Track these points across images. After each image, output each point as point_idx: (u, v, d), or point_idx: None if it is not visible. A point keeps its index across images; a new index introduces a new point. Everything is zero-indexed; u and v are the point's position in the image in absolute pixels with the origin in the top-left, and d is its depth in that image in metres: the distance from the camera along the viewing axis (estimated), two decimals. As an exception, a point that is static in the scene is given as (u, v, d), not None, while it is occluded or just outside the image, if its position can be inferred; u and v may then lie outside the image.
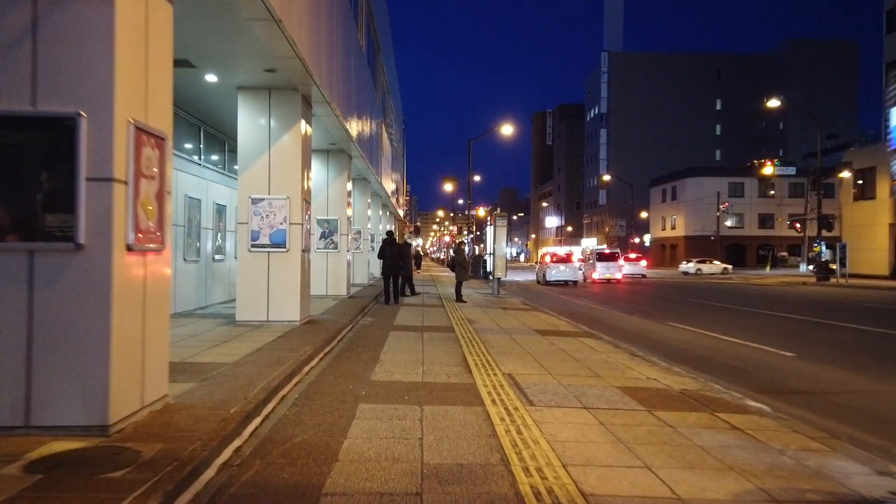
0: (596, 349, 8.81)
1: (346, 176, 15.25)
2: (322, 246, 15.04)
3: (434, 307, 15.06)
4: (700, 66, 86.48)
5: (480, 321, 12.09)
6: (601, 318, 14.83)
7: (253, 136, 9.41)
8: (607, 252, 34.49)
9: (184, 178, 10.77)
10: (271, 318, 9.37)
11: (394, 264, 15.51)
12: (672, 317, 15.31)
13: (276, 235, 9.37)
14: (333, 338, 8.73)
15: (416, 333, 9.94)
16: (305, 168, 9.77)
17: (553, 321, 12.62)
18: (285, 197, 9.35)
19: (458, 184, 47.75)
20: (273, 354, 6.76)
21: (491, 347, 8.66)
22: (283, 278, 9.38)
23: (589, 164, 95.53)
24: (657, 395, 5.92)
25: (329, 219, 15.06)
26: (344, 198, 15.19)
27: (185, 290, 10.81)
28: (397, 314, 13.04)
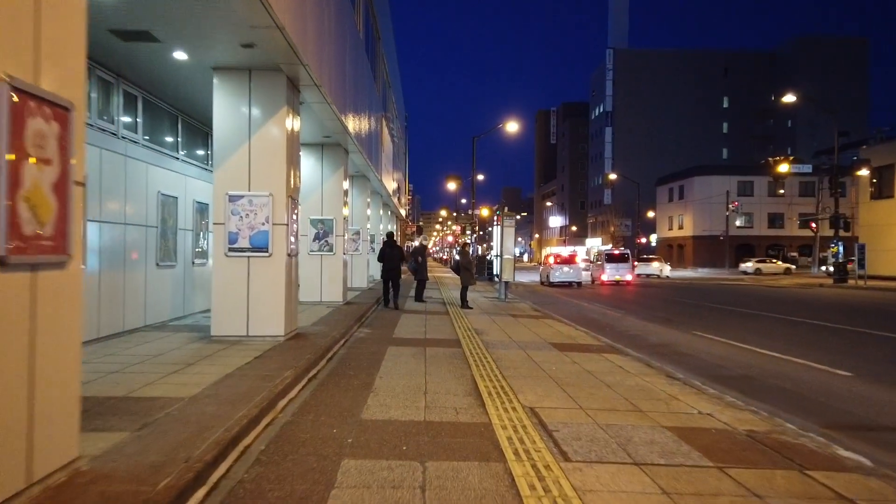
0: (626, 369, 7.59)
1: (343, 172, 14.04)
2: (316, 248, 13.84)
3: (438, 314, 13.85)
4: (706, 64, 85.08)
5: (489, 332, 10.88)
6: (619, 326, 13.60)
7: (231, 123, 8.21)
8: (617, 253, 33.25)
9: (157, 174, 9.57)
10: (252, 333, 8.17)
11: (394, 267, 14.84)
12: (695, 324, 14.09)
13: (257, 238, 8.16)
14: (322, 356, 7.52)
15: (417, 349, 8.73)
16: (292, 161, 8.57)
17: (569, 332, 11.40)
18: (267, 194, 8.15)
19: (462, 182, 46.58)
20: (243, 383, 5.55)
21: (504, 367, 7.44)
22: (265, 287, 8.17)
23: (593, 162, 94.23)
24: (721, 440, 4.69)
25: (324, 219, 13.86)
26: (340, 196, 13.98)
27: (157, 299, 9.61)
28: (397, 323, 11.83)
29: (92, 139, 7.75)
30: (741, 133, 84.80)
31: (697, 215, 63.27)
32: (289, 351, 7.45)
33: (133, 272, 8.85)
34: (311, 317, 11.18)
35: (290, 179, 8.44)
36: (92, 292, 7.75)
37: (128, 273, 8.69)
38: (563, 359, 8.27)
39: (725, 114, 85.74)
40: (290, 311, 8.54)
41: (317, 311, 12.32)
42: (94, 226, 7.76)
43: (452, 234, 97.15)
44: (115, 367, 6.20)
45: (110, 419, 4.30)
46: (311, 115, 11.07)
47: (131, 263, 8.79)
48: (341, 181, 13.99)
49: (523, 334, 10.76)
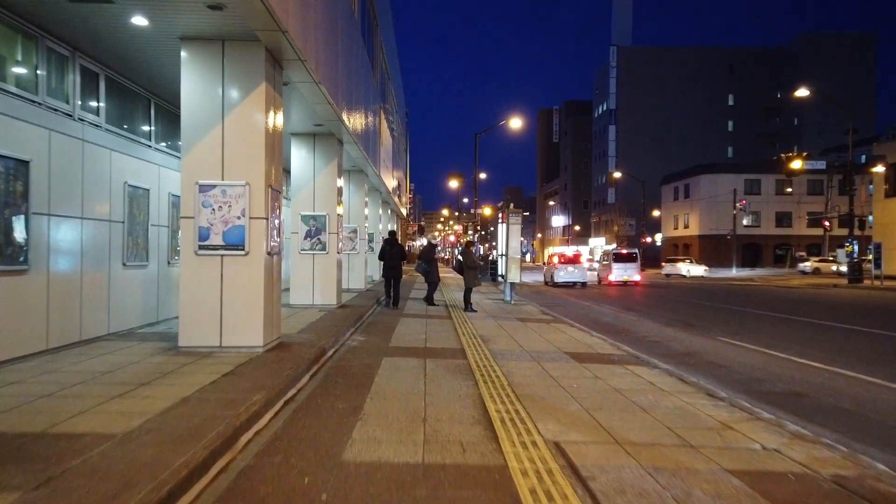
0: (658, 386, 6.51)
1: (336, 165, 12.98)
2: (307, 247, 12.77)
3: (439, 318, 12.78)
4: (712, 61, 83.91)
5: (496, 339, 9.80)
6: (636, 331, 12.52)
7: (201, 102, 7.14)
8: (625, 252, 32.17)
9: (124, 162, 8.51)
10: (226, 344, 7.10)
11: (394, 266, 14.57)
12: (717, 329, 13.02)
13: (232, 234, 7.10)
14: (305, 371, 6.45)
15: (416, 361, 7.65)
16: (273, 147, 7.50)
17: (584, 338, 10.33)
18: (243, 183, 7.08)
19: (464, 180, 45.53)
20: (200, 412, 4.49)
21: (517, 384, 6.37)
22: (240, 290, 7.11)
23: (597, 161, 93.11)
24: (806, 492, 3.62)
25: (316, 215, 12.79)
26: (334, 191, 12.91)
27: (124, 303, 8.54)
28: (395, 329, 10.76)
29: (38, 119, 6.69)
30: (747, 131, 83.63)
31: (704, 214, 62.13)
32: (266, 365, 6.38)
33: (93, 273, 7.79)
34: (300, 322, 10.11)
35: (270, 167, 7.38)
36: (39, 297, 6.70)
37: (87, 274, 7.62)
38: (584, 372, 7.19)
39: (731, 112, 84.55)
40: (271, 317, 7.47)
41: (307, 315, 11.26)
42: (39, 220, 6.69)
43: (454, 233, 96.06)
44: (49, 389, 5.13)
45: (5, 470, 3.24)
46: (300, 101, 10.02)
47: (91, 263, 7.73)
48: (335, 175, 12.92)
49: (534, 342, 9.68)
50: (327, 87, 9.15)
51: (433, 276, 15.80)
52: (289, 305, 12.75)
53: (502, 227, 18.63)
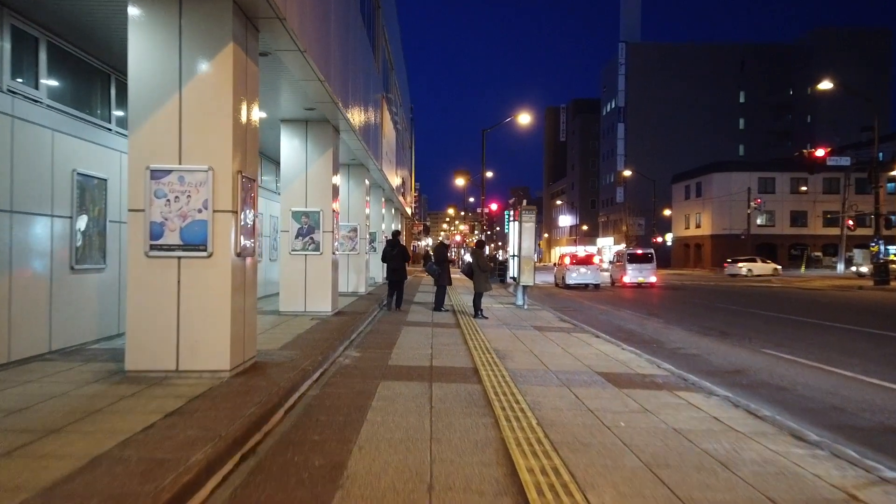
0: (728, 424, 5.09)
1: (332, 155, 11.59)
2: (299, 247, 11.39)
3: (447, 327, 11.38)
4: (722, 57, 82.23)
5: (514, 355, 8.39)
6: (667, 342, 11.08)
7: (154, 68, 5.76)
8: (640, 252, 30.65)
9: (72, 147, 7.14)
10: (184, 367, 5.72)
11: (397, 268, 14.04)
12: (757, 338, 11.61)
13: (191, 230, 5.71)
14: (277, 406, 5.07)
15: (420, 387, 6.25)
16: (244, 125, 6.13)
17: (614, 352, 8.90)
18: (205, 168, 5.70)
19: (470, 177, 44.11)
20: (100, 488, 3.10)
21: (550, 425, 4.95)
22: (202, 301, 5.73)
23: (605, 160, 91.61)
24: None
25: (308, 211, 11.41)
26: (329, 184, 11.53)
27: (72, 314, 7.17)
28: (396, 342, 9.36)
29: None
30: (758, 129, 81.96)
31: (716, 213, 60.51)
32: (229, 398, 4.99)
33: (28, 279, 6.42)
34: (285, 335, 8.73)
35: (241, 149, 6.00)
36: (-53, 310, 5.34)
37: (18, 281, 6.26)
38: (628, 403, 5.78)
39: (742, 109, 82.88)
40: (242, 334, 6.09)
41: (296, 325, 9.88)
42: (-55, 213, 5.34)
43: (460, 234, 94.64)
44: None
45: None
46: (289, 81, 8.67)
47: (25, 267, 6.36)
48: (330, 166, 11.54)
49: (558, 358, 8.26)
50: (316, 59, 7.76)
51: (444, 278, 14.41)
52: (277, 313, 11.38)
53: (513, 226, 17.24)
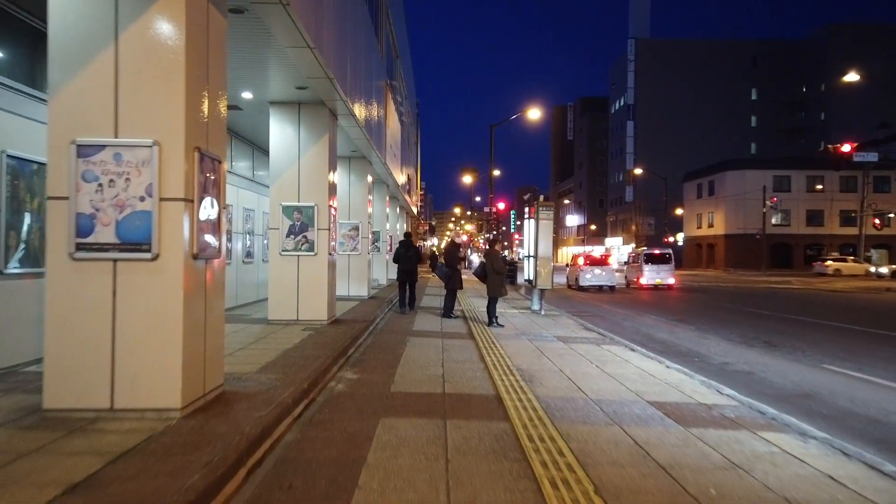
0: (858, 491, 3.68)
1: (328, 143, 10.22)
2: (291, 247, 10.01)
3: (459, 338, 9.98)
4: (734, 53, 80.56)
5: (541, 375, 6.98)
6: (708, 353, 9.66)
7: (79, 12, 4.39)
8: (657, 252, 29.17)
9: (2, 123, 5.79)
10: (120, 405, 4.34)
11: (410, 269, 13.70)
12: (810, 350, 10.25)
13: (131, 225, 4.34)
14: (230, 472, 3.66)
15: (431, 427, 4.85)
16: (202, 85, 4.74)
17: (659, 371, 7.48)
18: (150, 143, 4.33)
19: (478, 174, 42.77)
20: None
21: (618, 500, 3.56)
22: (145, 317, 4.36)
23: (613, 158, 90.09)
24: None
25: (301, 206, 10.03)
26: (324, 175, 10.15)
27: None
28: (401, 357, 7.96)
29: None
30: (771, 127, 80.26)
31: (730, 212, 58.89)
32: (169, 456, 3.61)
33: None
34: (268, 351, 7.34)
35: (198, 118, 4.62)
36: None
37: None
38: (707, 452, 4.36)
39: (754, 106, 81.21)
40: (200, 358, 4.71)
41: (284, 337, 8.49)
42: None
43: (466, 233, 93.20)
44: None
45: None
46: (273, 49, 7.31)
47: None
48: (326, 155, 10.16)
49: (595, 380, 6.85)
50: (303, 18, 6.37)
51: (455, 281, 13.01)
52: (266, 322, 10.01)
53: (529, 224, 15.84)
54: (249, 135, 12.69)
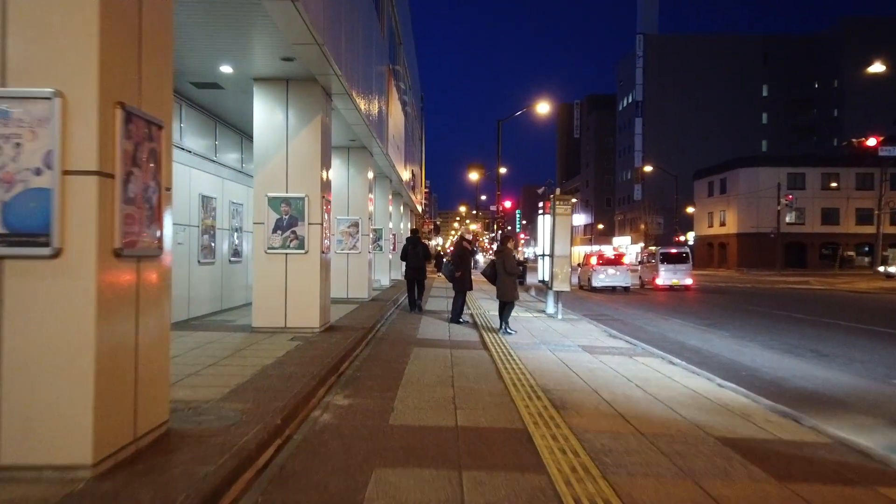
0: None
1: (321, 125, 8.97)
2: (278, 244, 8.77)
3: (469, 347, 8.71)
4: (744, 49, 78.99)
5: (575, 399, 5.70)
6: (760, 367, 8.34)
7: None
8: (674, 252, 27.84)
9: None
10: (7, 461, 3.10)
11: (418, 266, 13.31)
12: (868, 361, 8.94)
13: (22, 208, 3.10)
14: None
15: (439, 482, 3.56)
16: (130, 14, 3.50)
17: (714, 392, 6.20)
18: (50, 93, 3.09)
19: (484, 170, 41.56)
20: None
21: None
22: (43, 337, 3.11)
23: (621, 156, 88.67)
24: None
25: (290, 197, 8.78)
26: (316, 162, 8.91)
27: None
28: (403, 374, 6.69)
29: None
30: (782, 124, 78.73)
31: (742, 211, 57.44)
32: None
33: None
34: (242, 369, 6.09)
35: (123, 60, 3.38)
36: None
37: None
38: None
39: (765, 103, 79.65)
40: (128, 391, 3.45)
41: (265, 350, 7.25)
42: None
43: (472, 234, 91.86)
44: None
45: None
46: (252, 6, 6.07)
47: None
48: (318, 139, 8.91)
49: (642, 404, 5.57)
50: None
51: (464, 283, 11.75)
52: (250, 330, 8.77)
53: (543, 221, 14.55)
54: (236, 120, 11.45)
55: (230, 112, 11.09)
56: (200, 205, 10.26)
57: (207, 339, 7.96)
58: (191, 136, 10.23)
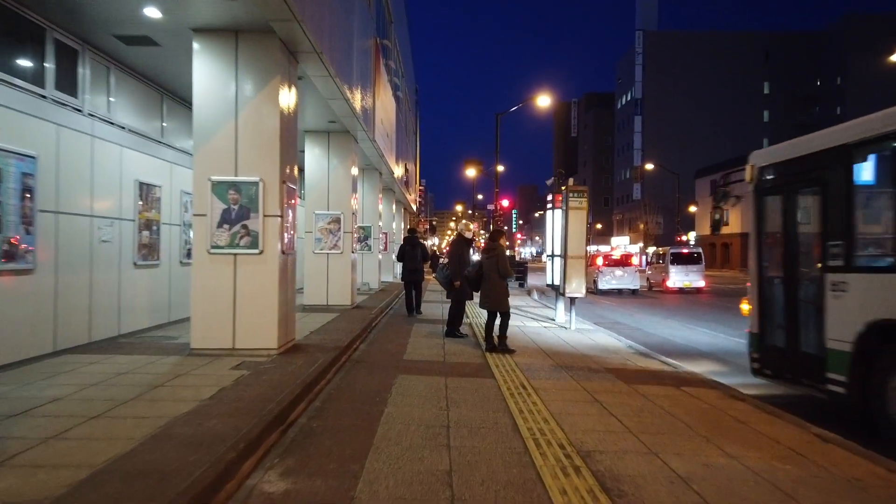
0: None
1: (279, 90, 7.02)
2: (224, 241, 6.81)
3: (470, 375, 6.75)
4: (745, 46, 77.43)
5: (633, 477, 3.75)
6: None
7: None
8: (686, 252, 26.01)
9: None
10: None
11: (415, 268, 12.60)
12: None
13: None
14: None
15: None
16: None
17: (799, 443, 4.28)
18: None
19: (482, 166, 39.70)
20: None
21: None
22: None
23: (620, 155, 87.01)
24: None
25: (239, 181, 6.82)
26: (272, 139, 6.93)
27: None
28: (378, 427, 4.73)
29: None
30: (784, 122, 77.04)
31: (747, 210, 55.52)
32: None
33: None
34: (138, 427, 4.10)
35: None
36: None
37: None
38: None
39: (766, 101, 78.13)
40: None
41: (193, 386, 5.29)
42: None
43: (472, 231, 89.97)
44: None
45: None
46: None
47: None
48: (277, 109, 6.96)
49: (737, 486, 3.66)
50: None
51: (462, 291, 9.61)
52: (187, 351, 6.81)
53: (553, 216, 12.65)
54: (188, 95, 9.48)
55: (180, 85, 9.15)
56: (137, 193, 8.28)
57: (125, 366, 6.01)
58: (124, 110, 8.27)
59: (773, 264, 6.82)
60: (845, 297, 5.35)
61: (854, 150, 5.42)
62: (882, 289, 5.03)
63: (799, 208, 6.38)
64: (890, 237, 5.18)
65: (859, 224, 5.50)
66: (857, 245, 5.43)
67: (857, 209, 5.46)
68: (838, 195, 5.57)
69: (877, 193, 5.48)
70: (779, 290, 6.50)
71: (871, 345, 5.06)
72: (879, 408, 4.98)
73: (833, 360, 5.44)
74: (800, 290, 6.15)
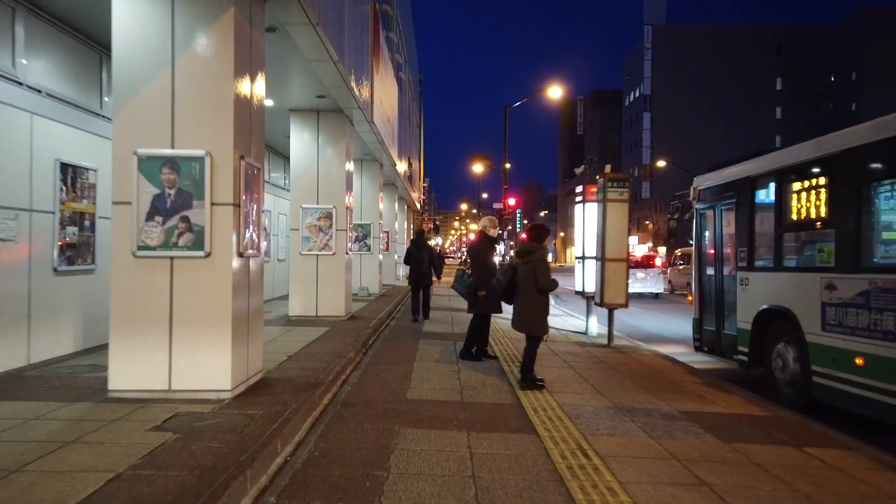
0: None
1: (234, 34, 5.07)
2: (157, 241, 4.83)
3: (499, 430, 4.71)
4: (757, 40, 75.54)
5: None
6: None
7: None
8: (713, 253, 23.99)
9: None
10: None
11: (422, 272, 12.27)
12: None
13: None
14: None
15: None
16: None
17: None
18: None
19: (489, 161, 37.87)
20: None
21: None
22: None
23: (627, 153, 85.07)
24: None
25: (177, 156, 4.85)
26: (225, 98, 4.97)
27: None
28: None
29: None
30: (797, 118, 75.18)
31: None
32: None
33: None
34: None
35: None
36: None
37: None
38: None
39: (779, 97, 76.25)
40: None
41: (105, 453, 3.32)
42: None
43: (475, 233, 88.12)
44: None
45: None
46: None
47: None
48: (230, 58, 4.97)
49: None
50: None
51: (488, 303, 7.50)
52: (107, 397, 4.84)
53: (583, 210, 10.58)
54: (79, 21, 7.49)
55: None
56: (59, 177, 6.32)
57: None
58: (43, 70, 6.32)
59: (708, 264, 8.61)
60: (748, 290, 7.22)
61: (755, 180, 7.29)
62: (768, 284, 6.87)
63: (723, 222, 8.19)
64: (772, 245, 6.85)
65: (756, 234, 7.29)
66: (755, 250, 7.26)
67: (755, 223, 7.31)
68: (743, 213, 7.51)
69: (765, 212, 7.15)
70: (710, 284, 8.42)
71: (762, 326, 6.82)
72: (768, 372, 6.75)
73: (741, 338, 7.26)
74: (724, 285, 7.99)
